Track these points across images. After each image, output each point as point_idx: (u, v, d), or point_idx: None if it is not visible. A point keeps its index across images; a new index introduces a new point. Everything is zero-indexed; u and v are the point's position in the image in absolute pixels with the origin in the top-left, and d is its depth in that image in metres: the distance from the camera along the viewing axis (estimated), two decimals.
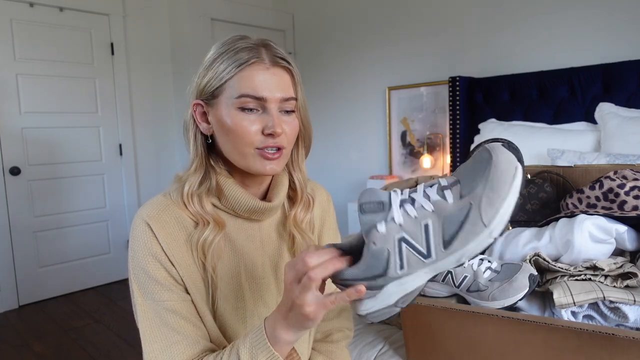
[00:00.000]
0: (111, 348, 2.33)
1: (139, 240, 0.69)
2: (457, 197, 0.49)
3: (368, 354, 0.99)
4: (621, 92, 2.20)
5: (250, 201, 0.74)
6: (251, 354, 0.60)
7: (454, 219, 0.49)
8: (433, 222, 0.49)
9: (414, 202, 0.51)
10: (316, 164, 3.76)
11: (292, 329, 0.58)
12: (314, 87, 3.76)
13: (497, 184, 0.47)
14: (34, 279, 2.97)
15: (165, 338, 0.67)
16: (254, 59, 0.68)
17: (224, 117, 0.69)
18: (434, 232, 0.49)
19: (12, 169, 2.84)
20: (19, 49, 2.83)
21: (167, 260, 0.68)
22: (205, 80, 0.71)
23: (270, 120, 0.68)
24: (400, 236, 0.50)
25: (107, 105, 3.20)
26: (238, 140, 0.69)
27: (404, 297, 0.53)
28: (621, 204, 0.87)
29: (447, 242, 0.49)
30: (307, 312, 0.54)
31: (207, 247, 0.70)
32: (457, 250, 0.49)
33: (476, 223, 0.48)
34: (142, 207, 0.72)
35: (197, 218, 0.71)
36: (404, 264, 0.51)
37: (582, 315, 0.78)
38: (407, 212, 0.51)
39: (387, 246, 0.50)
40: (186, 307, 0.69)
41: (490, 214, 0.47)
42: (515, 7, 2.62)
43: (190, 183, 0.72)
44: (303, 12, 3.86)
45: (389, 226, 0.50)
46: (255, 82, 0.68)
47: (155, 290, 0.68)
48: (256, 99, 0.68)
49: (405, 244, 0.50)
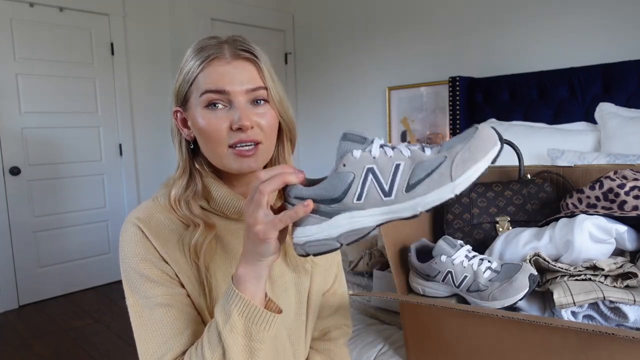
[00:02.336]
0: (111, 348, 2.33)
1: (129, 242, 0.68)
2: (436, 152, 0.52)
3: (368, 354, 0.99)
4: (621, 92, 2.20)
5: (239, 202, 0.74)
6: (224, 310, 0.59)
7: (426, 166, 0.51)
8: (405, 165, 0.52)
9: (394, 149, 0.54)
10: (316, 164, 3.76)
11: (249, 258, 0.57)
12: (314, 87, 3.76)
13: (475, 149, 0.50)
14: (34, 279, 2.97)
15: (160, 334, 0.66)
16: (214, 55, 0.68)
17: (196, 119, 0.69)
18: (402, 174, 0.51)
19: (12, 169, 2.84)
20: (19, 49, 2.83)
21: (160, 258, 0.68)
22: (177, 85, 0.72)
23: (237, 114, 0.67)
24: (370, 166, 0.52)
25: (107, 105, 3.20)
26: (211, 140, 0.68)
27: (348, 233, 0.54)
28: (621, 204, 0.87)
29: (411, 185, 0.51)
30: (256, 230, 0.53)
31: (199, 249, 0.69)
32: (417, 196, 0.51)
33: (444, 174, 0.50)
34: (132, 212, 0.72)
35: (187, 221, 0.71)
36: (363, 194, 0.52)
37: (582, 315, 0.78)
38: (384, 151, 0.53)
39: (355, 171, 0.52)
40: (181, 300, 0.69)
41: (459, 170, 0.50)
42: (515, 7, 2.62)
43: (176, 188, 0.72)
44: (303, 12, 3.86)
45: (364, 155, 0.52)
46: (215, 76, 0.67)
47: (147, 287, 0.67)
48: (219, 93, 0.67)
49: (371, 175, 0.52)
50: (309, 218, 0.54)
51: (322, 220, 0.54)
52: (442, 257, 0.88)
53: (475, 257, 0.88)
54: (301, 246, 0.55)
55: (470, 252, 0.89)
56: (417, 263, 0.93)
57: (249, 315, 0.58)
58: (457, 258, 0.87)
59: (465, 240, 1.05)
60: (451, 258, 0.87)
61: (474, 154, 0.50)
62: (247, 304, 0.58)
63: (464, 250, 0.88)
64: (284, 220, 0.53)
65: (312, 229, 0.54)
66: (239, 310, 0.58)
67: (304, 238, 0.55)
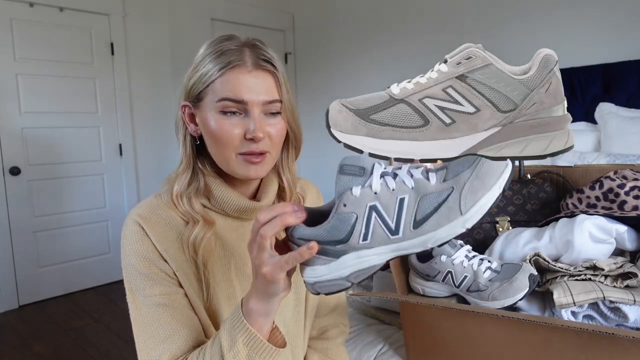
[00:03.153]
0: (111, 348, 2.33)
1: (130, 240, 0.69)
2: (441, 180, 0.48)
3: (368, 354, 0.99)
4: (621, 92, 2.20)
5: (239, 201, 0.74)
6: (230, 336, 0.59)
7: (432, 200, 0.47)
8: (409, 198, 0.48)
9: (396, 177, 0.50)
10: (316, 164, 3.76)
11: (260, 296, 0.57)
12: (314, 87, 3.76)
13: (485, 174, 0.46)
14: (34, 279, 2.97)
15: (158, 333, 0.67)
16: (236, 62, 0.68)
17: (208, 120, 0.69)
18: (407, 209, 0.48)
19: (12, 169, 2.84)
20: (19, 49, 2.83)
21: (159, 256, 0.69)
22: (191, 82, 0.71)
23: (252, 124, 0.68)
24: (372, 204, 0.48)
25: (107, 105, 3.20)
26: (221, 144, 0.69)
27: (358, 272, 0.51)
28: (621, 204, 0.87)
29: (418, 222, 0.47)
30: (264, 272, 0.53)
31: (197, 245, 0.70)
32: (426, 232, 0.47)
33: (453, 208, 0.46)
34: (134, 209, 0.72)
35: (187, 217, 0.72)
36: (369, 234, 0.49)
37: (582, 315, 0.78)
38: (386, 183, 0.49)
39: (357, 211, 0.49)
40: (179, 300, 0.69)
41: (470, 202, 0.46)
42: (515, 7, 2.62)
43: (179, 183, 0.72)
44: (303, 12, 3.86)
45: (364, 191, 0.49)
46: (236, 85, 0.67)
47: (146, 286, 0.68)
48: (237, 102, 0.68)
49: (375, 213, 0.48)
50: (316, 259, 0.52)
51: (329, 261, 0.51)
52: (442, 257, 0.88)
53: (475, 257, 0.88)
54: (312, 286, 0.54)
55: (470, 252, 0.89)
56: (417, 263, 0.93)
57: (254, 347, 0.59)
58: (457, 258, 0.87)
59: (465, 240, 1.05)
60: (451, 258, 0.87)
61: (484, 181, 0.46)
62: (253, 337, 0.59)
63: (464, 250, 0.88)
64: (290, 262, 0.52)
65: (321, 270, 0.52)
66: (245, 341, 0.59)
67: (314, 278, 0.53)
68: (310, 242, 0.50)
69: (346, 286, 0.52)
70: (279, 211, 0.52)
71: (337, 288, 0.52)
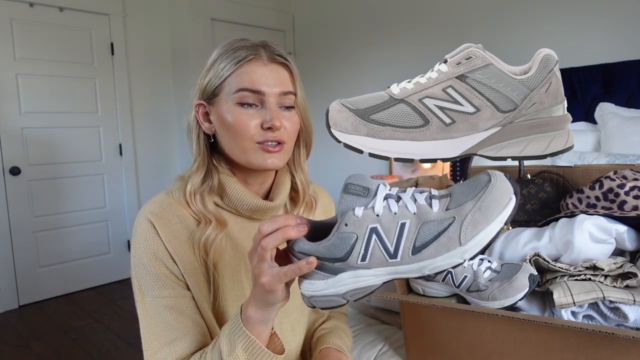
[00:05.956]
0: (111, 348, 2.33)
1: (140, 238, 0.69)
2: (443, 208, 0.48)
3: (368, 354, 0.99)
4: (621, 92, 2.20)
5: (253, 200, 0.74)
6: (230, 342, 0.60)
7: (433, 228, 0.47)
8: (410, 224, 0.48)
9: (399, 200, 0.50)
10: (316, 164, 3.75)
11: (259, 304, 0.58)
12: (314, 87, 3.76)
13: (487, 208, 0.46)
14: (34, 279, 2.97)
15: (164, 335, 0.67)
16: (252, 55, 0.70)
17: (224, 114, 0.70)
18: (407, 234, 0.48)
19: (12, 169, 2.84)
20: (19, 49, 2.83)
21: (169, 257, 0.69)
22: (206, 80, 0.72)
23: (269, 114, 0.69)
24: (373, 226, 0.49)
25: (107, 105, 3.21)
26: (238, 135, 0.70)
27: (354, 291, 0.52)
28: (621, 204, 0.87)
29: (417, 248, 0.48)
30: (263, 282, 0.53)
31: (209, 245, 0.70)
32: (424, 259, 0.48)
33: (453, 238, 0.47)
34: (145, 205, 0.72)
35: (199, 216, 0.72)
36: (367, 255, 0.49)
37: (582, 315, 0.78)
38: (389, 206, 0.49)
39: (358, 231, 0.49)
40: (186, 304, 0.69)
41: (470, 234, 0.46)
42: (515, 7, 2.62)
43: (193, 182, 0.73)
44: (303, 12, 3.86)
45: (366, 213, 0.49)
46: (252, 76, 0.69)
47: (155, 287, 0.68)
48: (254, 93, 0.69)
49: (375, 235, 0.49)
50: (315, 273, 0.53)
51: (327, 277, 0.52)
52: None
53: (475, 257, 0.87)
54: (308, 299, 0.55)
55: None
56: None
57: (252, 352, 0.60)
58: None
59: None
60: None
61: (486, 215, 0.46)
62: (252, 343, 0.59)
63: None
64: (289, 275, 0.52)
65: (319, 285, 0.53)
66: (244, 347, 0.59)
67: (310, 292, 0.54)
68: (309, 257, 0.51)
69: (342, 303, 0.53)
70: (281, 224, 0.52)
71: (332, 304, 0.53)
